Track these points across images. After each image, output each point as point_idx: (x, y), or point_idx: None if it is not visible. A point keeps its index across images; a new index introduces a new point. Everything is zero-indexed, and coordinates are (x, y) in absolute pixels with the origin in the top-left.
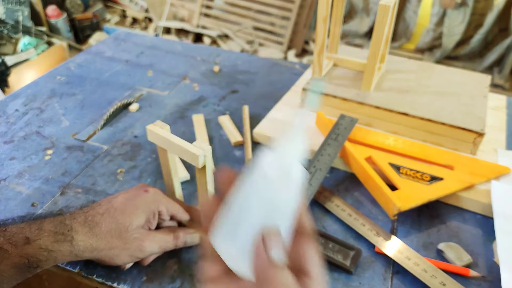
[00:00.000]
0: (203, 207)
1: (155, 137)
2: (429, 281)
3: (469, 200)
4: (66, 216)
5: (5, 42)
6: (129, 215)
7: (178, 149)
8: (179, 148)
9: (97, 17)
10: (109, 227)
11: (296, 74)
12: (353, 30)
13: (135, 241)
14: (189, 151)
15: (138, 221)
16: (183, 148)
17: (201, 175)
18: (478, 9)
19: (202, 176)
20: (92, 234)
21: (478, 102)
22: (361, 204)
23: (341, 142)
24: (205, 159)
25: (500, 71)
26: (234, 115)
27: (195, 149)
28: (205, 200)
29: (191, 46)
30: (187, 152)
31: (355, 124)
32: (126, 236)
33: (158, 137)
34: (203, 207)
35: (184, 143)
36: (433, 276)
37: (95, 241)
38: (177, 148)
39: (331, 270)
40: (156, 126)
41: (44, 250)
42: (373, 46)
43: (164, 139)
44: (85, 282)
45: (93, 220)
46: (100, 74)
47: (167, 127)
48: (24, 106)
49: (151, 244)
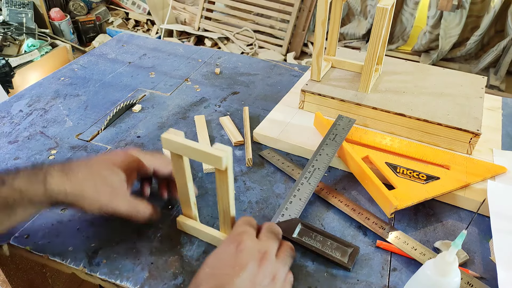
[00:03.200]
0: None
1: (171, 145)
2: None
3: (465, 199)
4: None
5: (9, 43)
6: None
7: (199, 153)
8: (200, 153)
9: (100, 19)
10: (84, 176)
11: (295, 76)
12: (351, 33)
13: (107, 195)
14: (212, 154)
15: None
16: (204, 152)
17: (222, 177)
18: (475, 11)
19: (224, 178)
20: (67, 179)
21: (474, 103)
22: (359, 203)
23: (339, 142)
24: (227, 161)
25: (496, 73)
26: (235, 116)
27: (218, 152)
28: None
29: (193, 48)
30: (209, 155)
31: (353, 124)
32: (100, 188)
33: (175, 145)
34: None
35: (204, 147)
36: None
37: (69, 187)
38: (198, 153)
39: (329, 267)
40: (170, 134)
41: (18, 191)
42: (371, 48)
43: (182, 145)
44: (88, 280)
45: (70, 167)
46: (103, 76)
47: (181, 134)
48: (28, 107)
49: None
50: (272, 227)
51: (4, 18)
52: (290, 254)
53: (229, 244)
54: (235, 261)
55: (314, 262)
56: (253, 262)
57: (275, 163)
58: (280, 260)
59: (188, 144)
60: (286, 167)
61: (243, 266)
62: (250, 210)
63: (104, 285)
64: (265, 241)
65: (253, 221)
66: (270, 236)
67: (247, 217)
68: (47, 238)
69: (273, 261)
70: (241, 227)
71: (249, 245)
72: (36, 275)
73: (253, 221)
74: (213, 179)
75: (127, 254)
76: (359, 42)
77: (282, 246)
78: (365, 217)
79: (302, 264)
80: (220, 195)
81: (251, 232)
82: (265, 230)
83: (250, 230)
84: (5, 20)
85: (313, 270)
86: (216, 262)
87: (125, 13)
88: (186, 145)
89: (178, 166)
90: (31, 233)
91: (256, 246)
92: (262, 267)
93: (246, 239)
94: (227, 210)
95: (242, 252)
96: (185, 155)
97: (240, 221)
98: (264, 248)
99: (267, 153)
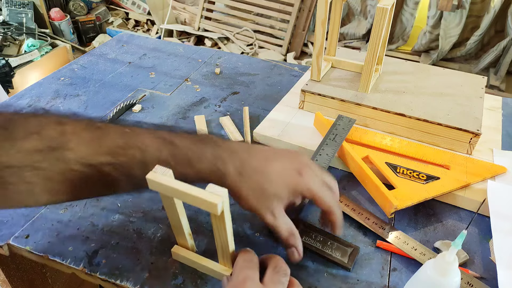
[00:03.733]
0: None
1: (157, 186)
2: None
3: (465, 199)
4: (223, 147)
5: (9, 43)
6: (275, 190)
7: (189, 197)
8: (191, 197)
9: (100, 19)
10: (255, 186)
11: (295, 76)
12: (351, 33)
13: (267, 211)
14: (205, 199)
15: (280, 200)
16: (196, 197)
17: (219, 221)
18: (475, 11)
19: (220, 222)
20: (240, 180)
21: (474, 103)
22: (359, 203)
23: (339, 142)
24: (223, 205)
25: (496, 73)
26: (235, 116)
27: (212, 197)
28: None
29: (193, 48)
30: (201, 200)
31: (353, 124)
32: (264, 203)
33: (162, 186)
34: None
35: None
36: None
37: (244, 185)
38: (188, 197)
39: (329, 267)
40: (156, 174)
41: (198, 178)
42: (371, 48)
43: (170, 188)
44: (88, 280)
45: (247, 171)
46: (103, 76)
47: (169, 173)
48: (29, 107)
49: (276, 221)
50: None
51: (4, 18)
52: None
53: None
54: None
55: (314, 262)
56: None
57: None
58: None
59: (178, 188)
60: None
61: None
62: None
63: (104, 285)
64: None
65: (255, 259)
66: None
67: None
68: (47, 238)
69: None
70: (243, 271)
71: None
72: (36, 275)
73: (255, 258)
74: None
75: (127, 254)
76: (359, 42)
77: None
78: (365, 217)
79: (302, 264)
80: (217, 234)
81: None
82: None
83: (253, 275)
84: (5, 20)
85: (313, 270)
86: None
87: (125, 13)
88: (176, 188)
89: (168, 203)
90: (31, 233)
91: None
92: None
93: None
94: (225, 247)
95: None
96: (175, 197)
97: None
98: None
99: None
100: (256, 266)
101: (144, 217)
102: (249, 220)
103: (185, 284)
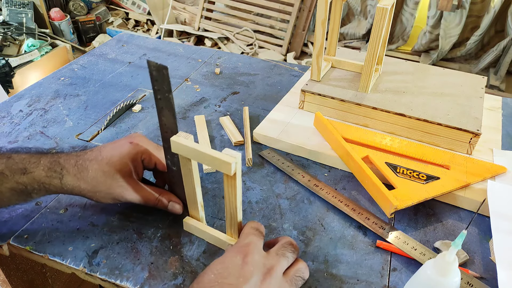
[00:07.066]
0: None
1: (180, 148)
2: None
3: (465, 199)
4: (61, 156)
5: (9, 43)
6: (114, 165)
7: (208, 158)
8: (209, 157)
9: (100, 19)
10: (95, 174)
11: (295, 76)
12: (351, 33)
13: (118, 188)
14: (221, 159)
15: (123, 171)
16: (213, 157)
17: (231, 182)
18: (475, 11)
19: (232, 184)
20: (80, 177)
21: (474, 103)
22: (359, 203)
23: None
24: (236, 166)
25: (496, 73)
26: (235, 116)
27: (227, 157)
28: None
29: (193, 48)
30: (218, 160)
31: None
32: (111, 183)
33: (184, 148)
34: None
35: (214, 152)
36: None
37: (82, 184)
38: (207, 158)
39: (329, 267)
40: (179, 137)
41: (37, 181)
42: (371, 48)
43: (191, 149)
44: (88, 280)
45: (82, 164)
46: (103, 76)
47: (190, 137)
48: (28, 107)
49: (133, 194)
50: (287, 244)
51: (4, 18)
52: (302, 275)
53: (236, 254)
54: (239, 272)
55: (314, 262)
56: (257, 276)
57: (275, 163)
58: (288, 279)
59: (198, 148)
60: (286, 167)
61: (247, 278)
62: (250, 210)
63: (104, 285)
64: (273, 256)
65: (261, 228)
66: (283, 252)
67: (255, 222)
68: (47, 238)
69: (279, 278)
70: (249, 237)
71: (256, 258)
72: (36, 275)
73: (261, 227)
74: (213, 179)
75: (127, 254)
76: (359, 42)
77: (295, 264)
78: (365, 217)
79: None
80: (227, 200)
81: (258, 244)
82: (280, 245)
83: (257, 241)
84: (5, 20)
85: (313, 270)
86: (221, 270)
87: (125, 13)
88: (196, 149)
89: (187, 168)
90: (31, 233)
91: (263, 260)
92: (265, 282)
93: (253, 251)
94: (234, 214)
95: (248, 264)
96: (194, 159)
97: (247, 228)
98: (271, 263)
99: (267, 153)
100: (261, 235)
101: (144, 217)
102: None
103: (185, 284)
